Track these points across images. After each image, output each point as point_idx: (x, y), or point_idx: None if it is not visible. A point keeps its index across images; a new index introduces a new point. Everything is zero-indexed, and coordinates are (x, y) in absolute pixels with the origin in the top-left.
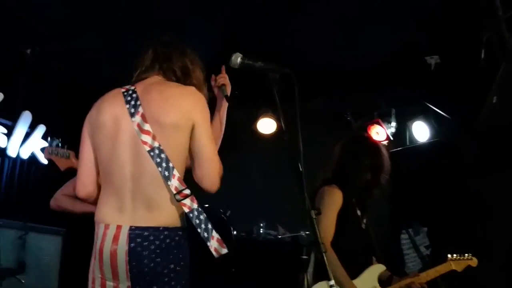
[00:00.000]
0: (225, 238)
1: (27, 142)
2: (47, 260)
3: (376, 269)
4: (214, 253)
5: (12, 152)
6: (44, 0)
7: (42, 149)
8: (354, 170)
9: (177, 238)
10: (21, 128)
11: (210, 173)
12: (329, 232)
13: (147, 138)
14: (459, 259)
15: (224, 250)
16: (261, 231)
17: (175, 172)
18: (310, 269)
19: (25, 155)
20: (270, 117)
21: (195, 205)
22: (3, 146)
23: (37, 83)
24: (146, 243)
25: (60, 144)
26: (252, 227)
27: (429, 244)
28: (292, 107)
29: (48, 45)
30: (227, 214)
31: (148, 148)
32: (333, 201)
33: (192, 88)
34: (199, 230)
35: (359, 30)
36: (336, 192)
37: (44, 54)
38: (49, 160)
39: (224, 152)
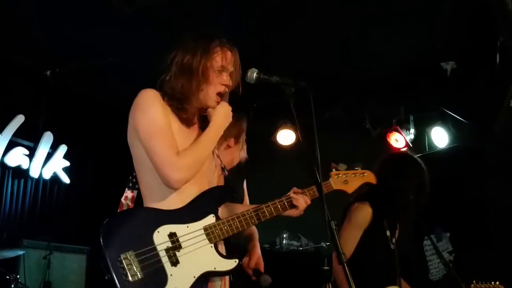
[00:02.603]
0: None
1: (49, 163)
2: (72, 279)
3: None
4: None
5: (34, 173)
6: (61, 22)
7: (64, 169)
8: (399, 188)
9: None
10: (43, 148)
11: (164, 179)
12: (346, 247)
13: None
14: None
15: None
16: (284, 242)
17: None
18: (333, 280)
19: (47, 176)
20: (289, 129)
21: None
22: (25, 167)
23: (58, 104)
24: None
25: None
26: (275, 238)
27: (452, 250)
28: (311, 118)
29: (68, 66)
30: None
31: None
32: (361, 218)
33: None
34: None
35: (376, 39)
36: (366, 209)
37: (64, 75)
38: None
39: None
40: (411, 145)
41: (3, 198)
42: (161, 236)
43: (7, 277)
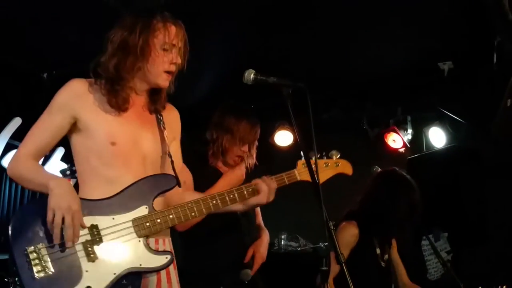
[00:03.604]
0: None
1: (46, 165)
2: None
3: None
4: None
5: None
6: (58, 24)
7: (62, 171)
8: (387, 207)
9: None
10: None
11: None
12: (332, 268)
13: None
14: None
15: None
16: (282, 243)
17: None
18: (330, 281)
19: None
20: (286, 130)
21: None
22: None
23: None
24: None
25: None
26: (273, 239)
27: (450, 250)
28: (309, 119)
29: (65, 68)
30: None
31: None
32: (346, 238)
33: None
34: None
35: (373, 40)
36: (352, 229)
37: (61, 77)
38: None
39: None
40: (408, 146)
41: (1, 201)
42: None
43: (6, 279)
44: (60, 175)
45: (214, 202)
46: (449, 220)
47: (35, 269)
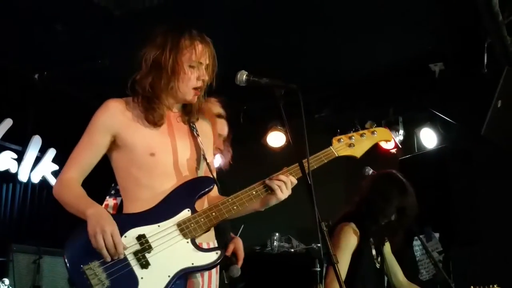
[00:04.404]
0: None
1: (38, 166)
2: (62, 284)
3: None
4: None
5: (23, 177)
6: (50, 24)
7: (53, 172)
8: (380, 209)
9: None
10: (31, 152)
11: None
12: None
13: None
14: None
15: None
16: (275, 244)
17: None
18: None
19: (36, 179)
20: (279, 131)
21: None
22: (14, 171)
23: (46, 107)
24: None
25: None
26: (266, 241)
27: (441, 250)
28: (301, 120)
29: (56, 69)
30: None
31: None
32: (348, 241)
33: None
34: None
35: (365, 41)
36: (352, 231)
37: (52, 78)
38: None
39: (236, 166)
40: (400, 146)
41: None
42: (128, 240)
43: None
44: (53, 177)
45: (254, 192)
46: (440, 220)
47: (93, 282)
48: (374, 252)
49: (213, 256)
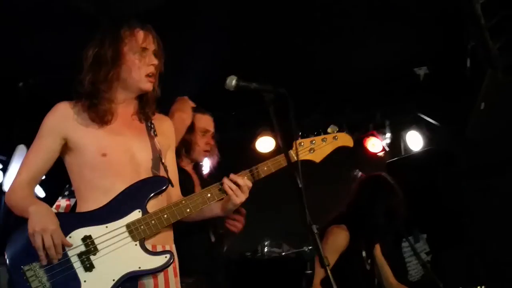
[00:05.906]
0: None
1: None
2: None
3: None
4: None
5: (8, 187)
6: (34, 32)
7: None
8: (369, 211)
9: None
10: (16, 162)
11: None
12: (318, 271)
13: None
14: None
15: None
16: (266, 249)
17: None
18: (317, 282)
19: None
20: (268, 135)
21: None
22: None
23: (31, 116)
24: None
25: None
26: (256, 246)
27: (429, 251)
28: (290, 124)
29: (41, 77)
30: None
31: None
32: (337, 242)
33: None
34: None
35: (350, 46)
36: (343, 233)
37: (37, 86)
38: None
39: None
40: (387, 149)
41: None
42: (73, 241)
43: None
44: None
45: (209, 195)
46: (428, 221)
47: (33, 284)
48: (364, 254)
49: (161, 260)
